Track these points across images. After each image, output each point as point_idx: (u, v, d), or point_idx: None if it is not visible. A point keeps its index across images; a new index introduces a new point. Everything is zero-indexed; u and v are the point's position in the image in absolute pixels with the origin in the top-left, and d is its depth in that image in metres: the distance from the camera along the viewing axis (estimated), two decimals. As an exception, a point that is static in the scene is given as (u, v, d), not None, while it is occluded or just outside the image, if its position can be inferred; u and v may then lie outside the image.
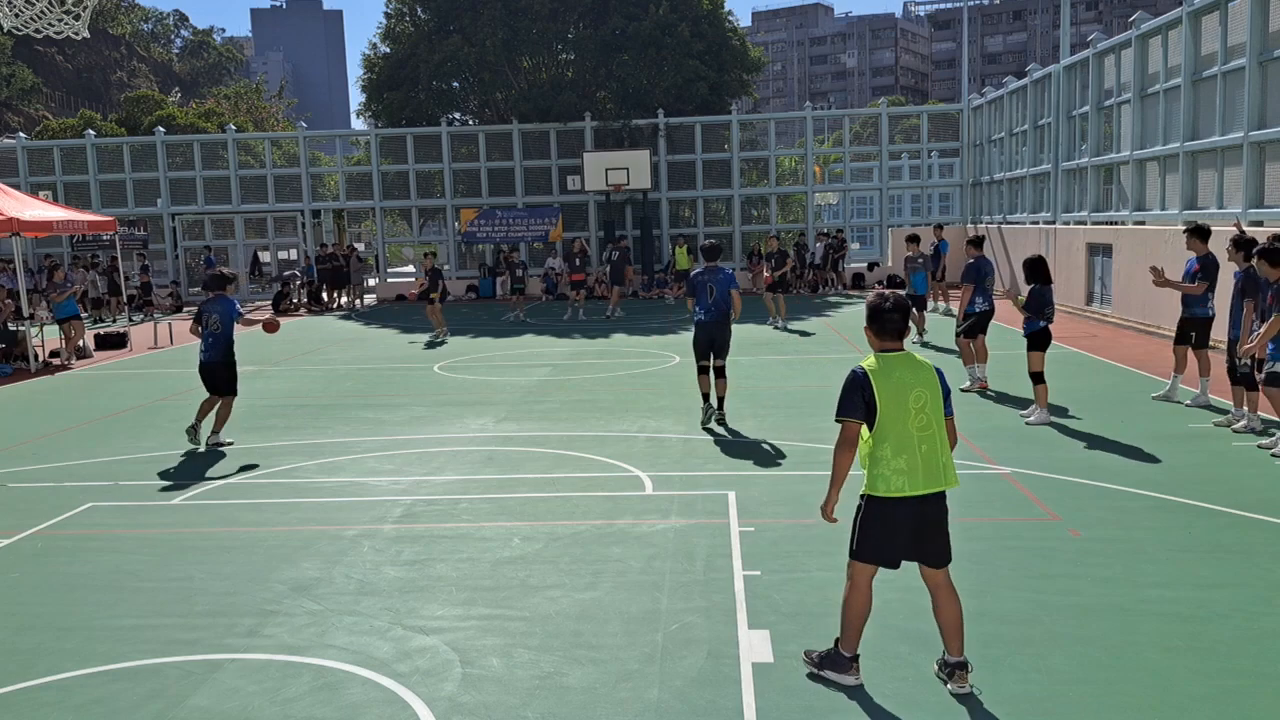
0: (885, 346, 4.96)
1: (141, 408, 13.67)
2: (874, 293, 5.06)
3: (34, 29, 19.83)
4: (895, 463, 4.83)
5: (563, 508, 8.31)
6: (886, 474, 4.85)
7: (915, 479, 4.83)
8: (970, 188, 32.55)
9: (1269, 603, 5.94)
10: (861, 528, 4.98)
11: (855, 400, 4.87)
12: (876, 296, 5.00)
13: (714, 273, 11.33)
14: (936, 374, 4.95)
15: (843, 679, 5.05)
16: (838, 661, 5.08)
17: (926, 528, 4.92)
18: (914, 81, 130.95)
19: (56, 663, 5.60)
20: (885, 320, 4.93)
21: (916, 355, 4.99)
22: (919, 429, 4.84)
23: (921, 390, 4.87)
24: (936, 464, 4.87)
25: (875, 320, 4.97)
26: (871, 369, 4.89)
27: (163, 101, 52.59)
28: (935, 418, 4.88)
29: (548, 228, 32.27)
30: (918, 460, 4.83)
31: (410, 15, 34.07)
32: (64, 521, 8.34)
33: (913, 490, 4.84)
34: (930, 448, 4.85)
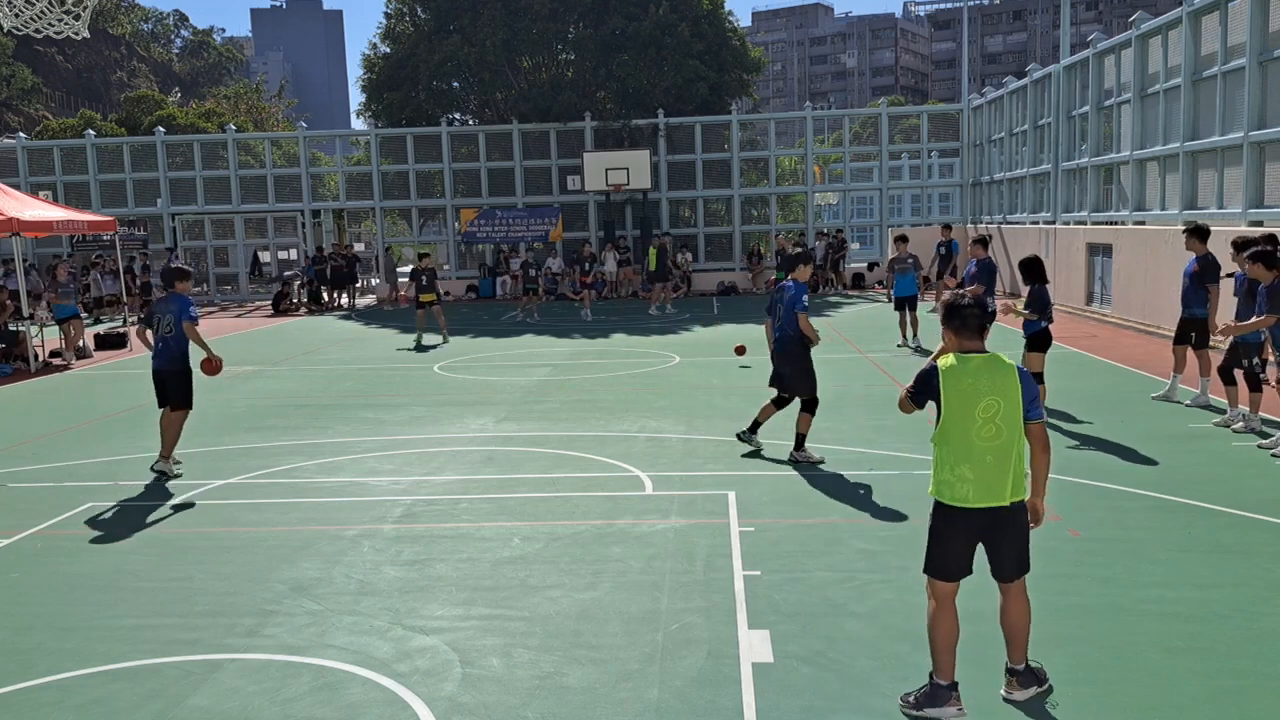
0: (965, 346, 4.75)
1: (141, 408, 13.66)
2: (951, 292, 4.90)
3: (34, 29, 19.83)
4: (959, 470, 4.64)
5: (563, 508, 8.31)
6: (951, 480, 4.67)
7: (981, 489, 4.62)
8: (970, 188, 32.55)
9: (1269, 603, 5.94)
10: (931, 538, 4.78)
11: (921, 386, 4.79)
12: (953, 295, 4.83)
13: (783, 288, 9.64)
14: (1019, 379, 4.68)
15: (944, 713, 4.67)
16: (936, 695, 4.71)
17: (998, 538, 4.70)
18: (914, 81, 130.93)
19: (56, 663, 5.60)
20: (965, 316, 4.72)
21: (1002, 358, 4.73)
22: (986, 439, 4.61)
23: (994, 399, 4.61)
24: (1006, 475, 4.62)
25: (953, 317, 4.75)
26: (944, 368, 4.71)
27: (163, 101, 52.59)
28: (1008, 426, 4.62)
29: (548, 228, 32.27)
30: (986, 470, 4.61)
31: (410, 15, 34.07)
32: (64, 521, 8.34)
33: (980, 502, 4.62)
34: (999, 458, 4.61)
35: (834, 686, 5.06)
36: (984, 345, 4.78)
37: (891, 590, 6.27)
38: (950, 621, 4.73)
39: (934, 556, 4.75)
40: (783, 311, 9.49)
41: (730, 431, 11.00)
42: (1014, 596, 4.80)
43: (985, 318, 4.76)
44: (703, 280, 31.62)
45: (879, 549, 7.03)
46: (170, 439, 9.72)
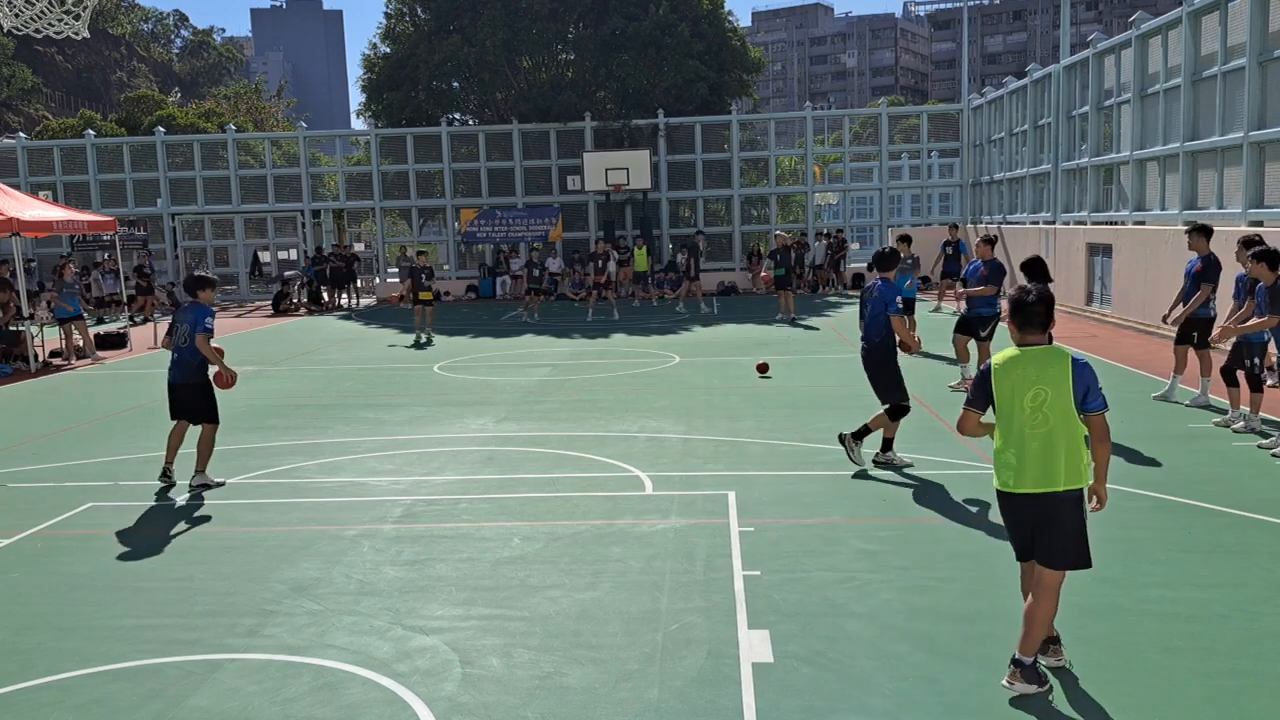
0: (1025, 340, 4.92)
1: (141, 408, 13.66)
2: (1016, 287, 4.99)
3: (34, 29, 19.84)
4: (1004, 456, 4.91)
5: (563, 508, 8.31)
6: (999, 466, 4.95)
7: (1022, 476, 4.82)
8: (970, 188, 32.55)
9: (1269, 603, 5.94)
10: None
11: (976, 391, 5.06)
12: (1018, 290, 4.93)
13: (869, 288, 9.12)
14: (1073, 371, 4.80)
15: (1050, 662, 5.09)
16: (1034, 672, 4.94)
17: (1041, 525, 4.86)
18: (914, 81, 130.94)
19: (56, 663, 5.60)
20: (1028, 313, 4.88)
21: (1061, 350, 4.88)
22: (1033, 427, 4.80)
23: (1042, 388, 4.79)
24: (1051, 464, 4.76)
25: (1018, 313, 4.91)
26: (997, 363, 4.96)
27: (163, 101, 52.61)
28: (1055, 415, 4.77)
29: (548, 228, 32.27)
30: (1028, 458, 4.80)
31: (410, 15, 34.06)
32: (64, 521, 8.34)
33: (1019, 487, 4.84)
34: (1045, 446, 4.77)
35: (834, 686, 5.06)
36: (1045, 339, 4.93)
37: (891, 590, 6.27)
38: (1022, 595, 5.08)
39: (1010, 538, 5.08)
40: (870, 313, 8.99)
41: (730, 432, 11.01)
42: (1046, 587, 4.88)
43: (1049, 314, 4.91)
44: (703, 280, 31.53)
45: (879, 549, 7.03)
46: (203, 452, 9.20)
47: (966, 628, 5.65)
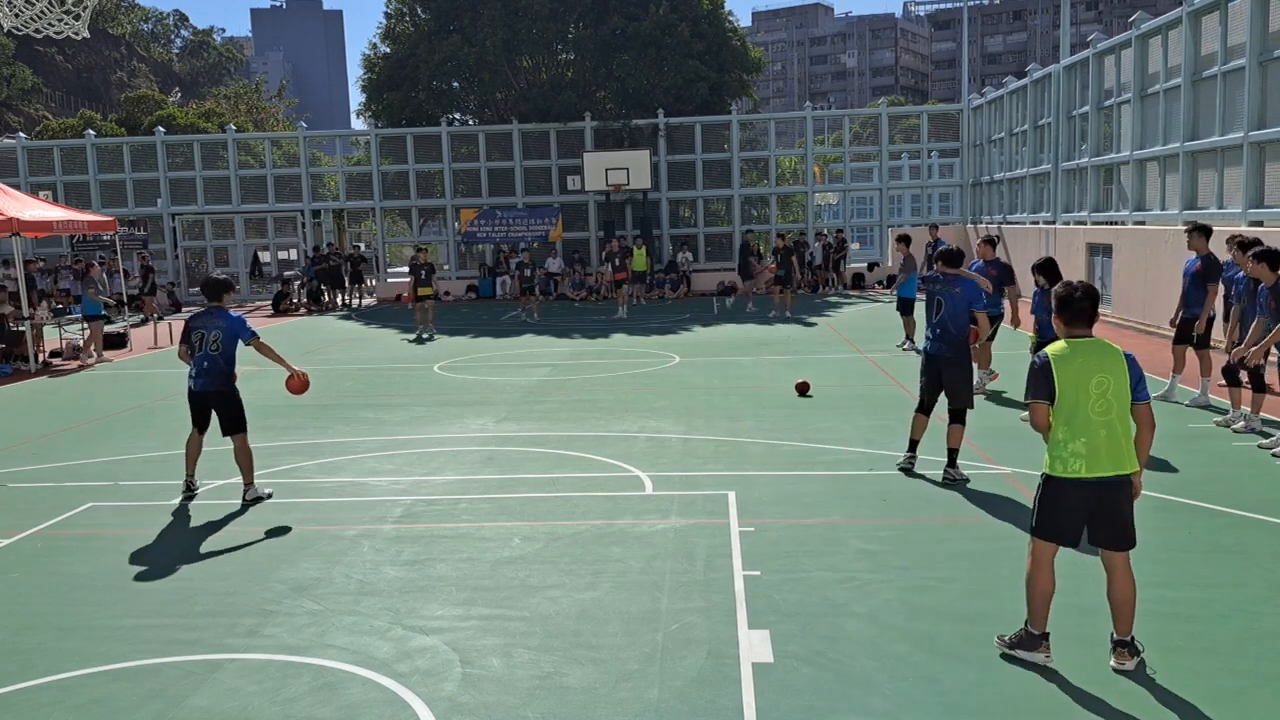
0: (1073, 333, 5.10)
1: (141, 408, 13.66)
2: (1062, 283, 5.18)
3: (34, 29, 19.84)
4: (1073, 445, 4.97)
5: (563, 508, 8.31)
6: (1064, 455, 5.00)
7: (1095, 462, 4.95)
8: (970, 188, 32.55)
9: (1269, 603, 5.94)
10: (1040, 505, 5.13)
11: (1040, 383, 5.06)
12: (1065, 286, 5.13)
13: (950, 282, 8.69)
14: (1126, 360, 5.03)
15: (1033, 657, 5.17)
16: (1028, 640, 5.20)
17: (1104, 511, 5.03)
18: (914, 81, 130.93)
19: (56, 663, 5.60)
20: (1076, 309, 5.08)
21: (1107, 342, 5.08)
22: (1099, 413, 4.95)
23: (1104, 376, 4.97)
24: (1118, 448, 4.97)
25: (1065, 309, 5.10)
26: (1054, 354, 5.05)
27: (163, 101, 52.62)
28: (1118, 402, 4.97)
29: (548, 228, 32.27)
30: (1099, 443, 4.95)
31: (410, 15, 34.07)
32: (64, 521, 8.34)
33: (1090, 473, 4.96)
34: (1111, 432, 4.96)
35: (834, 686, 5.06)
36: (1091, 332, 5.11)
37: (891, 590, 6.27)
38: (1048, 579, 5.17)
39: (1043, 522, 5.12)
40: (951, 309, 8.55)
41: (730, 432, 11.01)
42: (1122, 570, 5.10)
43: (1095, 309, 5.09)
44: (702, 280, 31.62)
45: (879, 549, 7.03)
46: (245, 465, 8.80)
47: (966, 628, 5.65)
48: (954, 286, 8.66)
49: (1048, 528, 5.11)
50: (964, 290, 8.63)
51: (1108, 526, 5.06)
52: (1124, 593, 5.09)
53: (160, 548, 7.59)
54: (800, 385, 13.15)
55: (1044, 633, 5.18)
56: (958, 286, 8.66)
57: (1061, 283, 5.18)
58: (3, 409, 14.23)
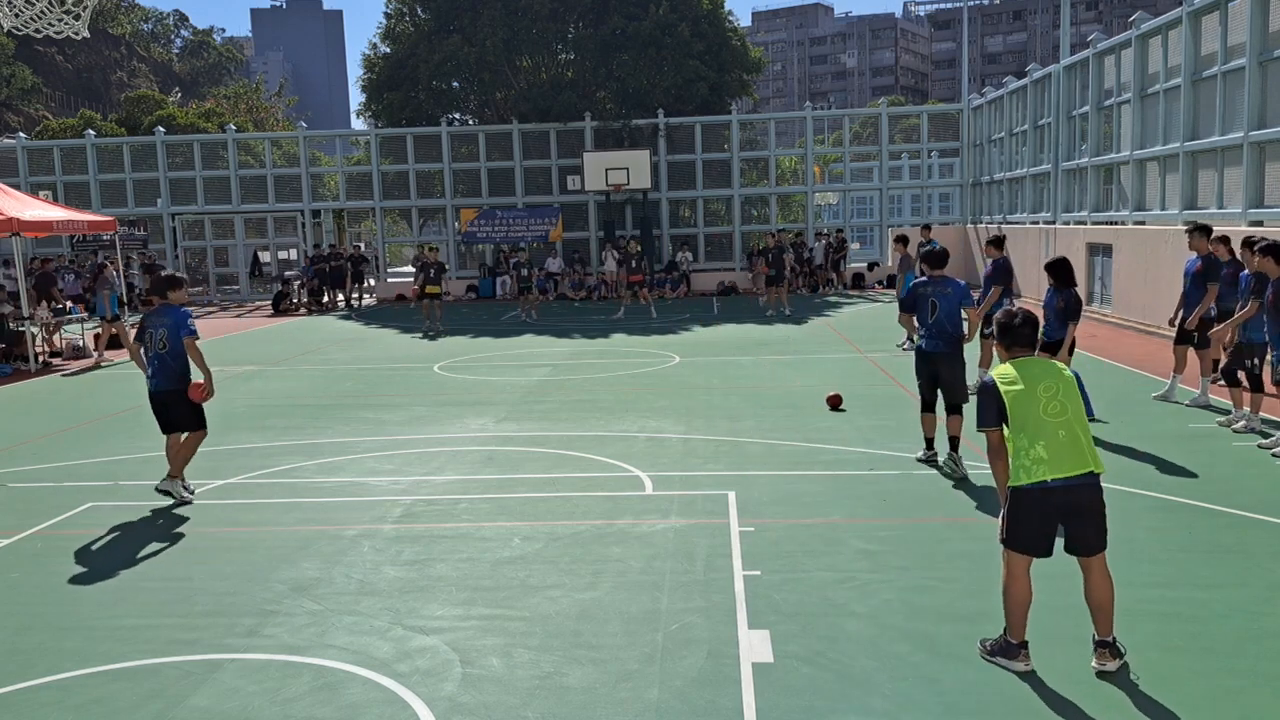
0: (1014, 356, 5.22)
1: (141, 408, 13.62)
2: (1001, 310, 5.30)
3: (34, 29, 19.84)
4: (1034, 451, 4.95)
5: (563, 508, 8.31)
6: (1026, 464, 4.97)
7: (1058, 464, 4.92)
8: (970, 188, 32.56)
9: (1269, 603, 5.94)
10: (1009, 517, 5.10)
11: (991, 409, 5.09)
12: (1004, 314, 5.24)
13: (939, 284, 8.99)
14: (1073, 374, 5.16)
15: (1013, 665, 5.13)
16: (1007, 649, 5.19)
17: (1076, 514, 5.00)
18: (914, 81, 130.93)
19: (56, 663, 5.60)
20: (1016, 335, 5.20)
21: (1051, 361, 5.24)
22: (1052, 415, 4.96)
23: (1051, 381, 5.03)
24: (1079, 448, 4.95)
25: (1006, 335, 5.23)
26: (999, 375, 5.14)
27: (163, 101, 52.60)
28: (1070, 404, 4.99)
29: (548, 228, 32.28)
30: (1057, 446, 4.93)
31: (410, 15, 34.07)
32: (64, 521, 8.34)
33: (1054, 474, 4.93)
34: (1069, 433, 4.95)
35: (834, 686, 5.06)
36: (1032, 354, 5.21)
37: (891, 590, 6.27)
38: (1024, 589, 5.12)
39: (1014, 534, 5.09)
40: (945, 309, 8.85)
41: (730, 432, 11.01)
42: (1098, 571, 5.08)
43: (1035, 333, 5.20)
44: (702, 280, 31.62)
45: (879, 549, 7.03)
46: (184, 457, 8.71)
47: (966, 628, 5.65)
48: (945, 287, 8.94)
49: (1017, 539, 5.07)
50: (955, 290, 8.94)
51: (1081, 529, 5.02)
52: (1102, 593, 5.07)
53: (160, 548, 7.59)
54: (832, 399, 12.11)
55: (1022, 641, 5.15)
56: (948, 287, 8.96)
57: (1003, 310, 5.28)
58: (3, 409, 14.22)
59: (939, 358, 8.92)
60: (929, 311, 8.91)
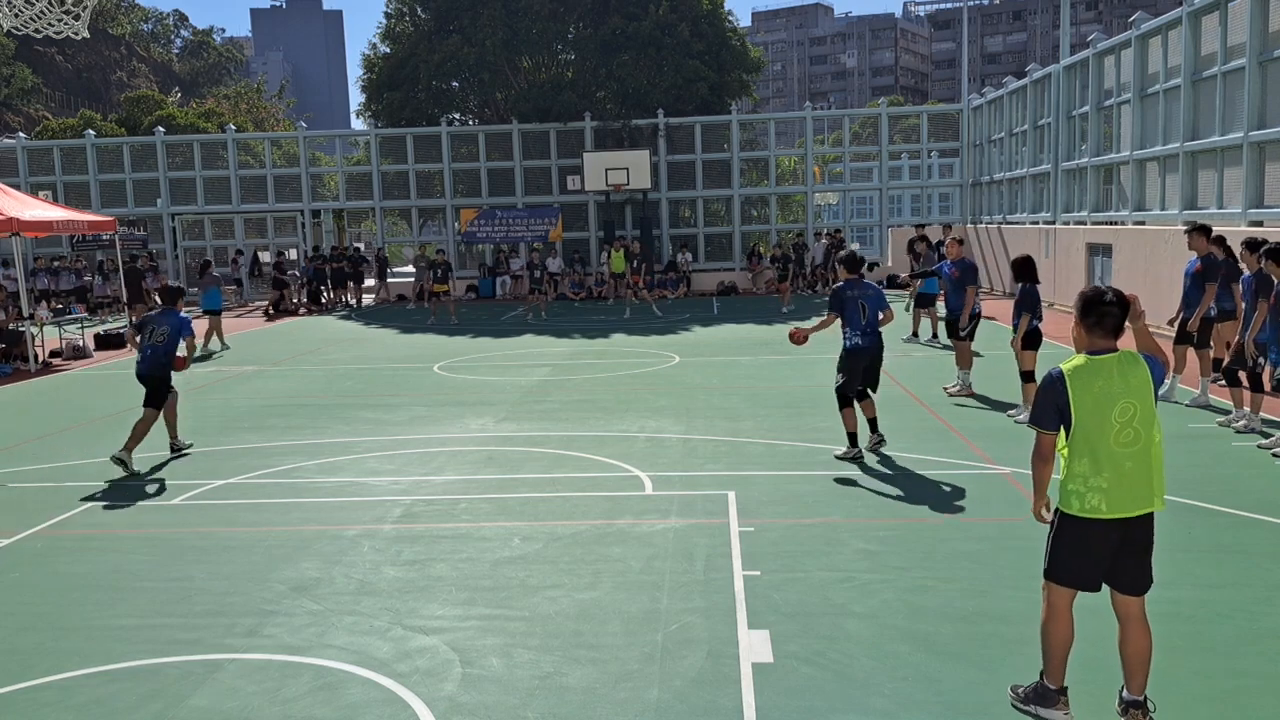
0: (1095, 347, 4.43)
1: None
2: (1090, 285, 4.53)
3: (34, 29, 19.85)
4: (1094, 480, 4.35)
5: (563, 508, 8.31)
6: (1082, 491, 4.39)
7: (1116, 499, 4.35)
8: (970, 188, 32.55)
9: (1269, 603, 5.94)
10: (1054, 546, 4.52)
11: (1049, 409, 4.41)
12: (1093, 288, 4.46)
13: (863, 287, 9.85)
14: (1150, 372, 4.40)
15: (1051, 714, 4.59)
16: (1044, 696, 4.63)
17: (1127, 551, 4.43)
18: (914, 81, 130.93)
19: (56, 663, 5.60)
20: (1103, 314, 4.39)
21: (1134, 354, 4.44)
22: (1123, 444, 4.33)
23: (1130, 401, 4.33)
24: (1144, 483, 4.37)
25: (1090, 313, 4.42)
26: (1070, 372, 4.39)
27: (163, 101, 52.58)
28: (1145, 430, 4.34)
29: (548, 228, 32.27)
30: (1120, 478, 4.34)
31: (410, 15, 34.07)
32: (64, 521, 8.34)
33: (1112, 512, 4.35)
34: (1137, 465, 4.34)
35: (834, 686, 5.06)
36: (1117, 345, 4.45)
37: (891, 590, 6.27)
38: (1066, 629, 4.55)
39: (1058, 563, 4.51)
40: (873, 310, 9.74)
41: (730, 432, 11.01)
42: (1138, 618, 4.49)
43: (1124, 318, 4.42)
44: (702, 280, 31.62)
45: (879, 549, 7.03)
46: (138, 435, 10.19)
47: (966, 628, 5.65)
48: (868, 290, 9.83)
49: (1063, 571, 4.48)
50: (875, 293, 9.85)
51: (1128, 570, 4.45)
52: (1140, 644, 4.47)
53: (160, 548, 7.59)
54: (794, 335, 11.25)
55: (1061, 687, 4.59)
56: (870, 290, 9.86)
57: (1091, 285, 4.54)
58: (3, 409, 14.22)
59: (874, 353, 9.81)
60: (860, 313, 9.68)
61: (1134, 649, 4.48)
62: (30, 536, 7.94)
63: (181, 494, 9.10)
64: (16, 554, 7.55)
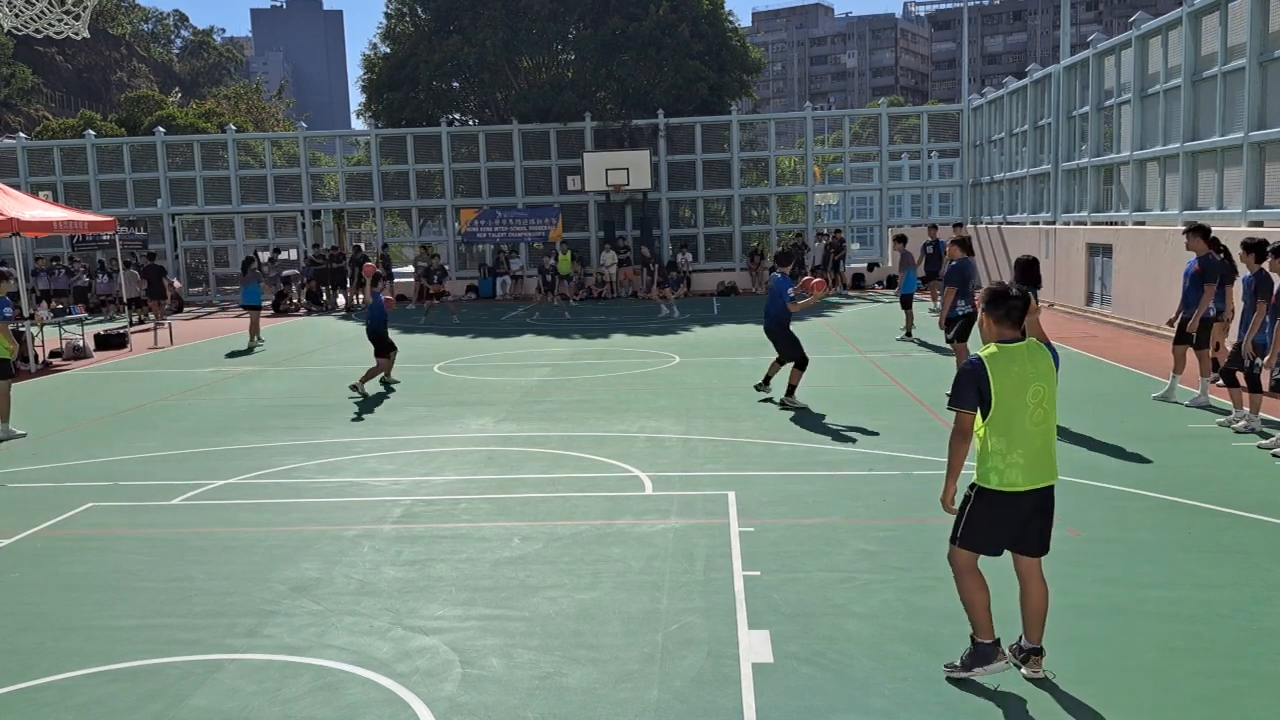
0: (1004, 337, 4.89)
1: (141, 408, 13.67)
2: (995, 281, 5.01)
3: (34, 29, 19.84)
4: (1011, 457, 4.83)
5: (563, 508, 8.31)
6: (1001, 467, 4.85)
7: (1031, 473, 4.85)
8: (970, 188, 32.55)
9: (1269, 603, 5.94)
10: (969, 517, 4.99)
11: (969, 391, 4.86)
12: (998, 284, 4.94)
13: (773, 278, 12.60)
14: (1053, 359, 4.93)
15: (992, 669, 4.99)
16: (982, 654, 5.02)
17: (1036, 518, 4.96)
18: (914, 81, 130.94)
19: (56, 663, 5.60)
20: (1010, 308, 4.85)
21: (1038, 343, 4.94)
22: (1035, 423, 4.83)
23: (1040, 385, 4.84)
24: (1049, 458, 4.91)
25: (998, 307, 4.87)
26: (989, 358, 4.84)
27: (163, 102, 52.57)
28: (1050, 410, 4.88)
29: (548, 228, 32.27)
30: (1032, 454, 4.84)
31: (410, 15, 34.06)
32: (64, 521, 8.34)
33: (1028, 484, 4.86)
34: (1045, 442, 4.87)
35: (834, 686, 5.06)
36: (1023, 335, 4.91)
37: (891, 590, 6.27)
38: (981, 585, 5.02)
39: (970, 532, 4.98)
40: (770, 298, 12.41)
41: (730, 432, 11.01)
42: (1037, 578, 5.03)
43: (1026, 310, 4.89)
44: (703, 280, 31.62)
45: (879, 549, 7.03)
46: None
47: (966, 628, 5.63)
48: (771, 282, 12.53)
49: (972, 538, 4.98)
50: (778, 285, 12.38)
51: (1037, 534, 4.97)
52: (1040, 598, 5.01)
53: (160, 548, 7.59)
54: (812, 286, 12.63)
55: (995, 639, 5.01)
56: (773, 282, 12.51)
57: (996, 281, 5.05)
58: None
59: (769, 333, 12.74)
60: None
61: (1034, 603, 5.02)
62: (30, 536, 7.94)
63: (181, 494, 9.10)
64: (16, 554, 7.55)
